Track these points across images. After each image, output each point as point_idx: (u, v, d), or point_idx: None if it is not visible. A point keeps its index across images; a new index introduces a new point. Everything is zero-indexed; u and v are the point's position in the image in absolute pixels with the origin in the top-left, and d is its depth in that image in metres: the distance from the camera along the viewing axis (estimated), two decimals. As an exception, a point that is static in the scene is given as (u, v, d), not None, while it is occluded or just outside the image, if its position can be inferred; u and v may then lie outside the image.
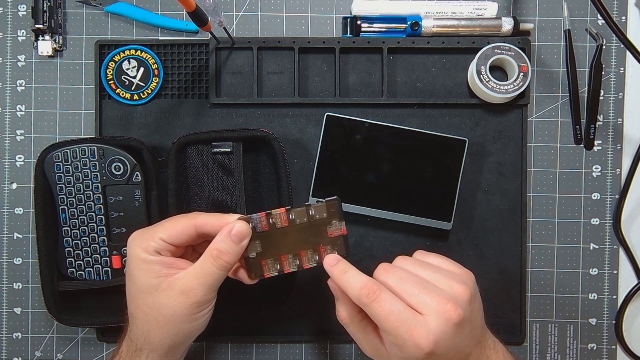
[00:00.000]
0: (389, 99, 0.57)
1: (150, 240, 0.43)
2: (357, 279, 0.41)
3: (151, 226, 0.45)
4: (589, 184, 0.58)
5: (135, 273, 0.43)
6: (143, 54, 0.56)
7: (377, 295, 0.40)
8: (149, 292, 0.43)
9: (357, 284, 0.41)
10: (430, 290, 0.41)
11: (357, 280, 0.41)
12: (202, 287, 0.42)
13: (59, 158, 0.53)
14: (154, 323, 0.43)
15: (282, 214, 0.44)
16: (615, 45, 0.58)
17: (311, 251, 0.45)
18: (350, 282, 0.42)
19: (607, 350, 0.58)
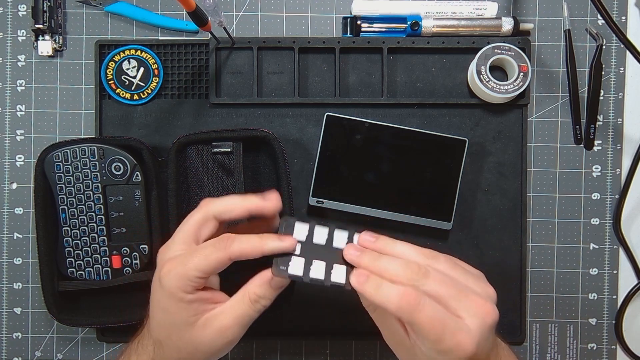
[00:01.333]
0: (389, 99, 0.57)
1: (187, 280, 0.41)
2: (394, 291, 0.38)
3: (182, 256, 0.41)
4: (589, 184, 0.58)
5: (173, 310, 0.42)
6: (143, 54, 0.56)
7: (418, 302, 0.38)
8: (185, 328, 0.42)
9: (395, 295, 0.38)
10: (468, 293, 0.40)
11: (394, 292, 0.38)
12: (238, 327, 0.43)
13: (59, 158, 0.53)
14: (185, 354, 0.43)
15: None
16: (615, 45, 0.58)
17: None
18: (386, 296, 0.39)
19: (607, 350, 0.58)
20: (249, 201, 0.43)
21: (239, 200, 0.43)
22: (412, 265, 0.39)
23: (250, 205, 0.43)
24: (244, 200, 0.43)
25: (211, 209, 0.43)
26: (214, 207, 0.43)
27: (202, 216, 0.43)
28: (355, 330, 0.57)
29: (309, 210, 0.57)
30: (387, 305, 0.38)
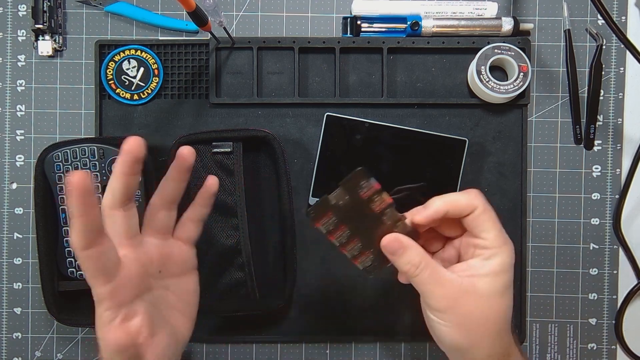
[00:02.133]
0: (389, 99, 0.57)
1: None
2: (457, 193, 0.42)
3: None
4: (589, 184, 0.58)
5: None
6: (143, 54, 0.56)
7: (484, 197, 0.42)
8: None
9: (463, 193, 0.42)
10: None
11: (458, 193, 0.42)
12: None
13: (59, 158, 0.53)
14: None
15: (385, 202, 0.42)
16: (615, 45, 0.58)
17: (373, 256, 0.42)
18: (458, 196, 0.42)
19: (607, 350, 0.58)
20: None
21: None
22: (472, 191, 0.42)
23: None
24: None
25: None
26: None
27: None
28: (355, 332, 0.57)
29: (309, 210, 0.57)
30: (459, 199, 0.41)
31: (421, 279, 0.41)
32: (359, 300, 0.57)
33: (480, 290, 0.41)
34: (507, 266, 0.41)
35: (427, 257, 0.41)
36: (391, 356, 0.58)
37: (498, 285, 0.41)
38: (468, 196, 0.41)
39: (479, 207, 0.41)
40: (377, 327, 0.57)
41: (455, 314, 0.41)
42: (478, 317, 0.41)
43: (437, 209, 0.41)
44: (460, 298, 0.40)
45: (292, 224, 0.53)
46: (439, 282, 0.41)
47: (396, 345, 0.58)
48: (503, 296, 0.41)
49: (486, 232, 0.41)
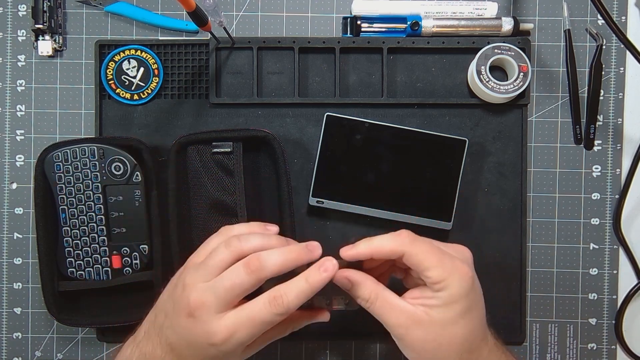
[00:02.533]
0: (389, 99, 0.57)
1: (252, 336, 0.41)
2: (388, 235, 0.43)
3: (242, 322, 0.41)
4: (589, 184, 0.58)
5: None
6: (143, 54, 0.56)
7: (414, 238, 0.42)
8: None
9: (389, 237, 0.42)
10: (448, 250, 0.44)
11: (388, 236, 0.42)
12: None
13: (59, 158, 0.53)
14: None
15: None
16: (615, 45, 0.58)
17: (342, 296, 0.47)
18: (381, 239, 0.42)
19: (607, 350, 0.58)
20: (300, 260, 0.42)
21: (292, 259, 0.42)
22: (402, 233, 0.43)
23: (301, 263, 0.42)
24: (297, 259, 0.42)
25: (266, 275, 0.41)
26: (269, 272, 0.41)
27: (256, 283, 0.41)
28: (355, 331, 0.57)
29: (309, 210, 0.57)
30: (384, 245, 0.42)
31: (373, 309, 0.43)
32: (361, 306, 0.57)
33: (433, 318, 0.41)
34: (457, 296, 0.41)
35: (377, 289, 0.43)
36: (391, 356, 0.58)
37: (451, 315, 0.41)
38: (393, 242, 0.42)
39: (407, 252, 0.41)
40: (377, 327, 0.57)
41: (408, 341, 0.42)
42: (431, 344, 0.42)
43: (360, 252, 0.43)
44: (411, 326, 0.42)
45: (292, 224, 0.53)
46: (390, 311, 0.42)
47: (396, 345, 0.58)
48: (457, 324, 0.41)
49: (424, 272, 0.41)
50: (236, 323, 0.40)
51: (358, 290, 0.43)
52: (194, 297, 0.40)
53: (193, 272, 0.42)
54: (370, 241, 0.43)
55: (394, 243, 0.42)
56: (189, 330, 0.41)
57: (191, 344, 0.41)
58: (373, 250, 0.42)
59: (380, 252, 0.42)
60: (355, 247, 0.43)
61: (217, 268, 0.41)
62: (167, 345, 0.42)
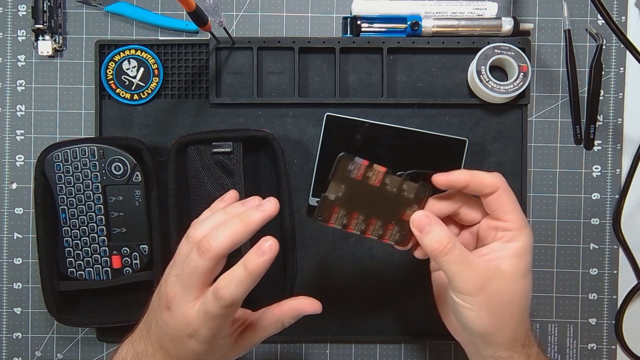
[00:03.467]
0: (389, 99, 0.57)
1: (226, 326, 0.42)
2: (482, 172, 0.42)
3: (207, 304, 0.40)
4: (589, 184, 0.58)
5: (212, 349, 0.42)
6: (143, 54, 0.56)
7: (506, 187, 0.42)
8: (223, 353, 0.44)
9: (485, 173, 0.42)
10: None
11: (483, 172, 0.42)
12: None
13: (59, 158, 0.53)
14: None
15: (380, 173, 0.42)
16: (615, 45, 0.58)
17: (398, 227, 0.42)
18: (480, 172, 0.42)
19: (607, 350, 0.58)
20: (252, 225, 0.40)
21: (240, 229, 0.40)
22: (497, 173, 0.43)
23: (254, 228, 0.41)
24: (247, 226, 0.40)
25: (216, 254, 0.39)
26: (218, 250, 0.39)
27: (211, 264, 0.40)
28: (355, 332, 0.57)
29: (309, 210, 0.57)
30: (483, 176, 0.42)
31: (450, 259, 0.40)
32: (359, 300, 0.57)
33: (505, 272, 0.41)
34: (528, 248, 0.42)
35: (455, 237, 0.41)
36: (391, 356, 0.58)
37: (521, 267, 0.42)
38: (492, 176, 0.42)
39: (501, 188, 0.42)
40: (377, 327, 0.58)
41: (483, 296, 0.40)
42: (505, 299, 0.41)
43: (459, 177, 0.42)
44: (487, 280, 0.40)
45: (292, 224, 0.53)
46: (467, 264, 0.40)
47: (396, 345, 0.58)
48: (525, 278, 0.42)
49: (508, 214, 0.42)
50: (198, 315, 0.40)
51: (437, 234, 0.41)
52: (168, 290, 0.41)
53: (169, 268, 0.43)
54: (469, 171, 0.42)
55: (492, 178, 0.42)
56: (168, 323, 0.41)
57: (173, 339, 0.41)
58: (473, 178, 0.41)
59: (477, 183, 0.41)
60: (452, 173, 0.42)
61: (182, 260, 0.42)
62: (156, 342, 0.43)
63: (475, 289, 0.40)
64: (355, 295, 0.57)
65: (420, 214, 0.42)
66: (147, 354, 0.43)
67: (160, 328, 0.42)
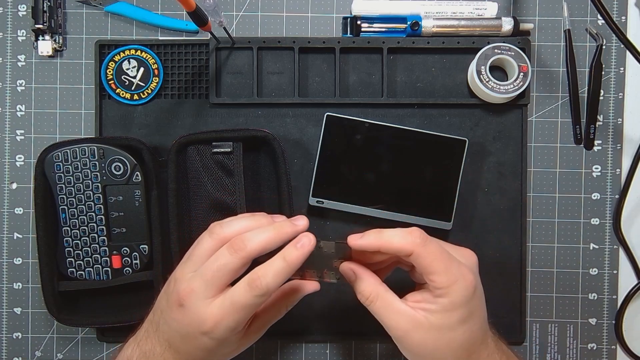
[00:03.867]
0: (389, 99, 0.57)
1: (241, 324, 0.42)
2: (399, 231, 0.42)
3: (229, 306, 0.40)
4: (589, 184, 0.58)
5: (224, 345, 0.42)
6: (143, 54, 0.56)
7: (425, 238, 0.41)
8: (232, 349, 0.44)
9: (400, 233, 0.41)
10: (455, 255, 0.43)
11: (399, 231, 0.42)
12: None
13: (59, 158, 0.53)
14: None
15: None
16: (615, 45, 0.58)
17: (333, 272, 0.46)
18: (393, 235, 0.41)
19: (607, 350, 0.58)
20: (284, 235, 0.42)
21: (274, 235, 0.41)
22: (414, 232, 0.42)
23: (286, 238, 0.42)
24: (280, 235, 0.41)
25: (249, 254, 0.40)
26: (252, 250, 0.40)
27: (241, 263, 0.40)
28: (354, 332, 0.57)
29: (309, 210, 0.57)
30: (395, 242, 0.41)
31: (373, 308, 0.43)
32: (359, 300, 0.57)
33: (432, 323, 0.41)
34: (458, 304, 0.41)
35: (379, 288, 0.43)
36: (391, 356, 0.58)
37: (450, 321, 0.41)
38: (404, 240, 0.41)
39: (414, 252, 0.41)
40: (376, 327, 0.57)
41: (407, 343, 0.42)
42: (429, 348, 0.42)
43: (368, 243, 0.42)
44: (411, 330, 0.41)
45: (292, 224, 0.53)
46: (390, 313, 0.42)
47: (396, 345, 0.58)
48: (455, 330, 0.41)
49: (430, 275, 0.41)
50: (222, 308, 0.40)
51: (360, 286, 0.43)
52: (183, 287, 0.41)
53: (182, 266, 0.43)
54: (380, 234, 0.42)
55: (404, 241, 0.41)
56: (180, 321, 0.41)
57: (184, 336, 0.41)
58: (382, 244, 0.42)
59: (389, 248, 0.41)
60: (364, 238, 0.42)
61: (202, 257, 0.42)
62: (165, 341, 0.42)
63: (399, 336, 0.42)
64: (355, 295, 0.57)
65: (347, 267, 0.44)
66: (155, 353, 0.43)
67: (170, 326, 0.42)
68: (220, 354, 0.44)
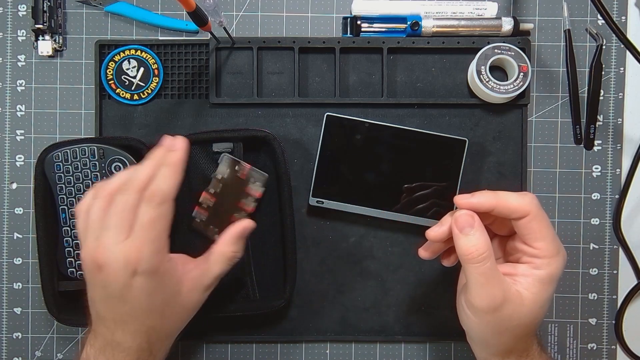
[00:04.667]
0: (389, 99, 0.57)
1: (162, 251, 0.41)
2: (511, 192, 0.40)
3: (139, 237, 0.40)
4: (589, 184, 0.58)
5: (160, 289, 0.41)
6: (143, 54, 0.56)
7: (539, 202, 0.39)
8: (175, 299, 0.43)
9: (516, 194, 0.39)
10: None
11: (512, 193, 0.39)
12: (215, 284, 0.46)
13: (59, 158, 0.53)
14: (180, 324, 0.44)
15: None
16: (615, 45, 0.58)
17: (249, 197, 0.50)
18: (509, 195, 0.39)
19: (607, 350, 0.58)
20: (179, 165, 0.43)
21: (173, 171, 0.42)
22: (529, 194, 0.40)
23: (182, 166, 0.43)
24: (176, 167, 0.42)
25: (172, 194, 0.41)
26: (172, 188, 0.41)
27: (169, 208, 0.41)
28: (355, 332, 0.57)
29: (309, 210, 0.57)
30: (510, 200, 0.39)
31: (479, 268, 0.39)
32: (359, 300, 0.57)
33: (524, 299, 0.39)
34: (555, 278, 0.39)
35: (491, 248, 0.39)
36: (391, 356, 0.58)
37: (543, 297, 0.39)
38: (521, 200, 0.39)
39: (531, 213, 0.38)
40: (377, 327, 0.58)
41: (493, 316, 0.39)
42: (514, 323, 0.40)
43: (483, 201, 0.39)
44: (504, 303, 0.39)
45: (292, 224, 0.53)
46: (492, 279, 0.39)
47: (396, 345, 0.58)
48: (544, 307, 0.40)
49: (538, 241, 0.39)
50: (136, 238, 0.39)
51: (477, 239, 0.39)
52: (93, 249, 0.40)
53: (84, 241, 0.42)
54: (496, 193, 0.39)
55: (522, 201, 0.39)
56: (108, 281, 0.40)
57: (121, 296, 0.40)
58: (498, 203, 0.39)
59: (504, 207, 0.39)
60: (476, 196, 0.40)
61: (99, 220, 0.41)
62: (111, 322, 0.42)
63: (488, 307, 0.39)
64: (355, 295, 0.57)
65: (465, 212, 0.40)
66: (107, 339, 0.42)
67: (107, 302, 0.41)
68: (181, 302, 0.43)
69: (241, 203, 0.54)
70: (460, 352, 0.58)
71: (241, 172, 0.53)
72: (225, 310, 0.54)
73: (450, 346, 0.58)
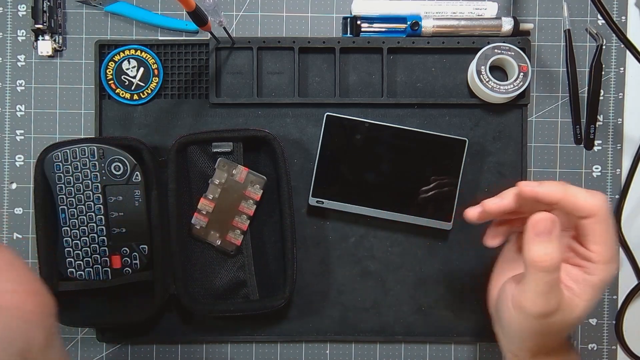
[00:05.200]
0: (389, 99, 0.57)
1: None
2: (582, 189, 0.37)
3: None
4: (589, 184, 0.58)
5: None
6: (143, 54, 0.56)
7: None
8: None
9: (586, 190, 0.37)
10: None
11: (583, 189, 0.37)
12: None
13: (59, 158, 0.53)
14: None
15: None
16: (615, 45, 0.58)
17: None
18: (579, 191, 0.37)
19: (607, 351, 0.58)
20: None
21: None
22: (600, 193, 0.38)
23: None
24: None
25: None
26: None
27: None
28: (355, 332, 0.57)
29: (309, 210, 0.57)
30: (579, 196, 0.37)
31: (546, 278, 0.36)
32: (359, 300, 0.57)
33: (574, 307, 0.38)
34: (605, 285, 0.38)
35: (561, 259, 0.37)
36: (391, 356, 0.58)
37: (592, 304, 0.38)
38: (591, 199, 0.36)
39: (599, 215, 0.36)
40: (377, 327, 0.58)
41: (540, 321, 0.38)
42: (559, 328, 0.39)
43: (550, 192, 0.37)
44: (556, 311, 0.37)
45: (292, 224, 0.53)
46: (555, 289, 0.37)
47: (396, 345, 0.58)
48: (582, 316, 0.38)
49: (595, 245, 0.37)
50: None
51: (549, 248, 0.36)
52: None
53: None
54: (565, 186, 0.37)
55: (592, 200, 0.36)
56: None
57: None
58: (565, 196, 0.37)
59: (570, 202, 0.36)
60: (543, 186, 0.37)
61: None
62: None
63: (540, 314, 0.37)
64: (355, 295, 0.57)
65: (547, 217, 0.36)
66: None
67: None
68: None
69: (241, 206, 0.54)
70: (461, 353, 0.58)
71: (239, 175, 0.53)
72: (225, 310, 0.54)
73: (450, 346, 0.58)
